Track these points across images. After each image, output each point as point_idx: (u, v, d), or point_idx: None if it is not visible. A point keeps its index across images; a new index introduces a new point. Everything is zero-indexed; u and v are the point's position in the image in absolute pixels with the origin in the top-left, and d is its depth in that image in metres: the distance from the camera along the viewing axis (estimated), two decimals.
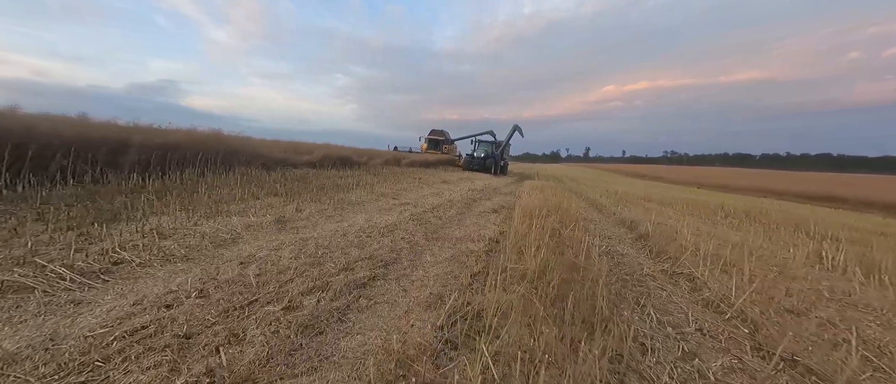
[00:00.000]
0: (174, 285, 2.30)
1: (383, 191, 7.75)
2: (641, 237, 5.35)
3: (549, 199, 8.36)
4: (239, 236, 3.45)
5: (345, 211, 5.29)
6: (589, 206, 8.78)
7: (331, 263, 2.91)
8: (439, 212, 5.76)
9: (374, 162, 16.58)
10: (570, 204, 7.33)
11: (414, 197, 7.42)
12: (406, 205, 6.17)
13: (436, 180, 12.02)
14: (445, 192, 8.85)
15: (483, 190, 10.23)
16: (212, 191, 5.58)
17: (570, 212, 5.95)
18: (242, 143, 8.54)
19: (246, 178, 7.18)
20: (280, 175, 8.38)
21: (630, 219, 6.67)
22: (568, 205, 6.75)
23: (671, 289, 3.29)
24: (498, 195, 9.33)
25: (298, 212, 4.79)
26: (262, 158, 9.17)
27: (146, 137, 6.31)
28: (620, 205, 9.90)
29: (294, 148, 12.09)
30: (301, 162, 10.81)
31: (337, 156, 12.88)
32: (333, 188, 7.45)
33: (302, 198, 5.90)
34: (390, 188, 8.37)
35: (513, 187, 12.81)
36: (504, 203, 7.63)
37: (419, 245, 3.74)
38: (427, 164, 21.63)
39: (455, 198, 7.78)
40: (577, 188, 16.67)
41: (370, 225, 4.45)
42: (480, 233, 4.55)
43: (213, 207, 4.52)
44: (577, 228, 4.56)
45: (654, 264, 4.06)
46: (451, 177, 14.57)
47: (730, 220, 8.76)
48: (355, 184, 8.54)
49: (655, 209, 9.71)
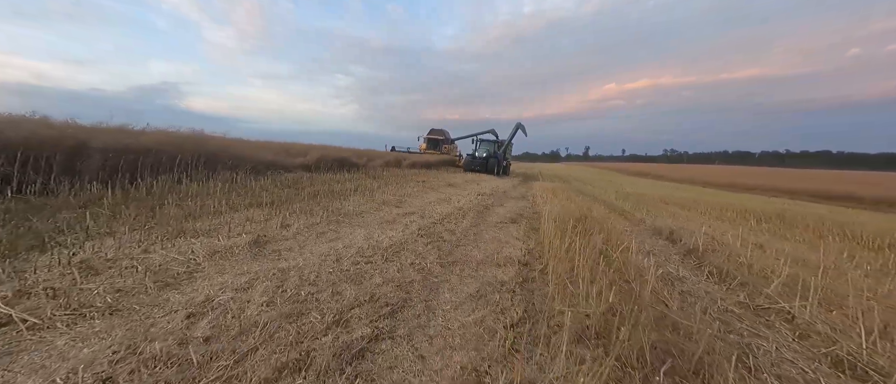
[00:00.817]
0: (64, 372, 1.48)
1: (385, 197, 6.93)
2: (690, 253, 4.54)
3: (569, 205, 7.56)
4: (198, 269, 2.63)
5: (340, 225, 4.47)
6: (610, 211, 7.98)
7: (316, 313, 2.10)
8: (451, 224, 4.95)
9: (374, 163, 15.76)
10: (596, 211, 6.54)
11: (419, 204, 6.60)
12: (411, 216, 5.36)
13: (440, 183, 11.20)
14: (453, 197, 8.03)
15: (492, 194, 9.42)
16: (184, 202, 4.76)
17: (605, 223, 5.15)
18: (226, 145, 7.71)
19: (229, 186, 6.36)
20: (269, 180, 7.56)
21: (664, 227, 5.86)
22: (595, 213, 5.95)
23: (770, 335, 2.49)
24: (509, 200, 8.52)
25: (283, 229, 3.97)
26: (249, 162, 8.35)
27: (111, 139, 5.48)
28: (642, 208, 9.11)
29: (286, 149, 11.27)
30: (294, 165, 9.99)
31: (334, 157, 12.07)
32: (328, 195, 6.63)
33: (290, 208, 5.08)
34: (392, 194, 7.56)
35: (521, 190, 12.01)
36: (520, 210, 6.82)
37: (434, 274, 2.93)
38: (429, 165, 20.84)
39: (464, 204, 6.97)
40: (586, 189, 15.87)
41: (371, 244, 3.63)
42: (504, 252, 3.74)
43: (178, 225, 3.70)
44: (623, 245, 3.75)
45: (726, 293, 3.25)
46: (456, 179, 13.76)
47: (765, 225, 7.96)
48: (353, 189, 7.73)
49: (680, 214, 8.92)
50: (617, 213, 7.83)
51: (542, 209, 7.01)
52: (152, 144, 6.33)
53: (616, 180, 29.56)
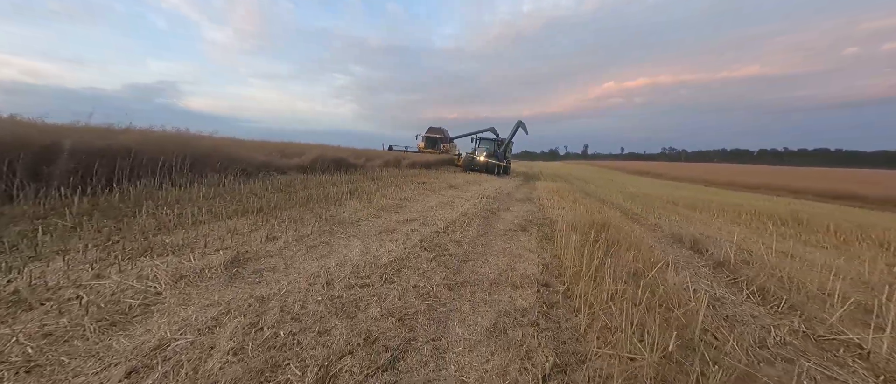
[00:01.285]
0: None
1: (383, 202, 6.48)
2: (720, 265, 4.12)
3: (578, 208, 7.12)
4: (157, 300, 2.18)
5: (334, 236, 4.02)
6: (620, 214, 7.55)
7: (295, 366, 1.65)
8: (456, 233, 4.51)
9: (373, 164, 15.30)
10: (613, 217, 6.10)
11: (420, 209, 6.15)
12: (412, 224, 4.91)
13: (441, 185, 10.76)
14: (456, 200, 7.59)
15: (496, 196, 8.98)
16: (161, 210, 4.30)
17: (630, 233, 4.71)
18: (215, 146, 7.23)
19: (214, 190, 5.89)
20: (260, 184, 7.10)
21: (685, 235, 5.44)
22: (614, 220, 5.51)
23: (849, 380, 2.07)
24: (515, 203, 8.09)
25: (269, 242, 3.52)
26: (240, 163, 7.88)
27: (85, 140, 5.00)
28: (652, 211, 8.69)
29: (281, 150, 10.79)
30: (289, 166, 9.51)
31: (331, 158, 11.60)
32: (323, 200, 6.17)
33: (280, 216, 4.63)
34: (392, 197, 7.11)
35: (525, 190, 11.58)
36: (528, 215, 6.38)
37: (441, 301, 2.49)
38: (428, 165, 20.39)
39: (469, 209, 6.53)
40: (589, 189, 15.46)
41: (367, 261, 3.19)
42: (519, 269, 3.30)
43: (147, 239, 3.24)
44: (657, 262, 3.32)
45: (776, 318, 2.82)
46: (457, 179, 13.32)
47: (783, 229, 7.57)
48: (350, 192, 7.27)
49: (693, 216, 8.51)
50: (625, 216, 7.41)
51: (552, 214, 6.58)
52: (132, 145, 5.85)
53: (617, 179, 29.22)
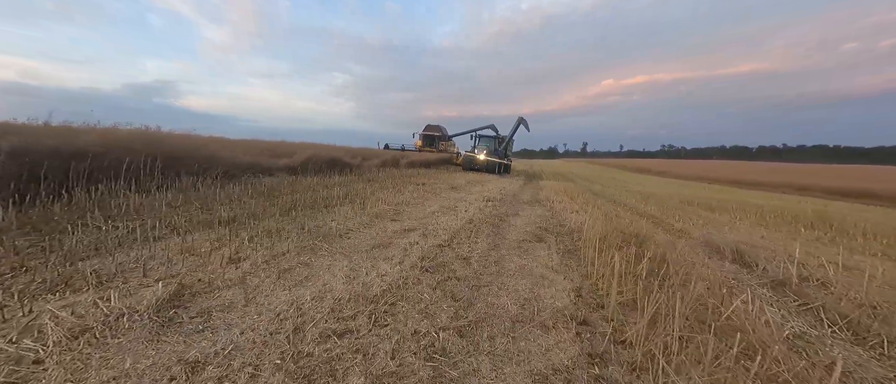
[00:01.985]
0: None
1: (379, 208, 5.78)
2: (780, 285, 3.44)
3: (594, 212, 6.42)
4: (30, 375, 1.49)
5: (317, 253, 3.32)
6: (639, 218, 6.86)
7: None
8: (463, 247, 3.81)
9: (370, 163, 14.60)
10: (639, 225, 5.41)
11: (419, 216, 5.45)
12: (411, 234, 4.21)
13: (441, 185, 10.06)
14: (459, 204, 6.89)
15: (502, 199, 8.29)
16: (109, 222, 3.60)
17: (680, 254, 4.02)
18: (191, 146, 6.50)
19: (183, 196, 5.18)
20: (242, 188, 6.38)
21: (718, 242, 4.76)
22: (642, 230, 4.82)
23: None
24: (523, 206, 7.39)
25: (231, 266, 2.82)
26: (222, 165, 7.16)
27: (25, 141, 4.29)
28: (669, 213, 8.02)
29: (271, 150, 10.07)
30: (278, 167, 8.80)
31: (325, 158, 10.87)
32: (310, 206, 5.47)
33: (255, 228, 3.92)
34: (388, 202, 6.41)
35: (531, 191, 10.88)
36: (541, 221, 5.69)
37: (451, 357, 1.80)
38: (427, 164, 19.70)
39: (474, 214, 5.83)
40: (596, 188, 14.77)
41: (353, 292, 2.49)
42: (546, 298, 2.61)
43: (69, 265, 2.54)
44: (722, 289, 2.63)
45: (885, 363, 2.14)
46: (458, 180, 12.62)
47: (817, 233, 6.90)
48: (343, 196, 6.57)
49: (715, 219, 7.84)
50: (647, 220, 6.72)
51: (567, 219, 5.88)
52: (93, 146, 5.15)
53: (621, 178, 28.58)
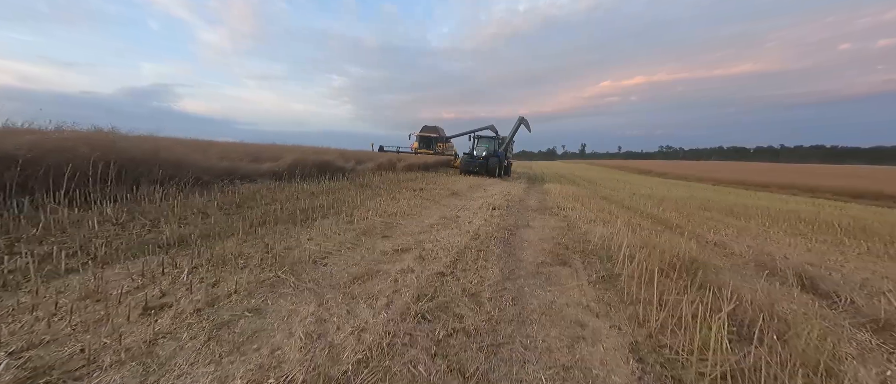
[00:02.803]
0: None
1: (368, 221, 4.97)
2: (882, 329, 2.67)
3: (612, 220, 5.64)
4: None
5: (276, 292, 2.51)
6: (664, 228, 6.08)
7: None
8: (469, 276, 3.02)
9: (365, 167, 13.80)
10: (673, 240, 4.62)
11: (416, 230, 4.66)
12: (405, 258, 3.42)
13: (440, 191, 9.26)
14: (461, 213, 6.09)
15: (508, 206, 7.50)
16: (16, 247, 2.79)
17: (731, 276, 3.23)
18: (152, 149, 5.67)
19: (131, 210, 4.35)
20: (210, 198, 5.56)
21: (768, 260, 4.00)
22: (679, 246, 4.04)
23: None
24: (532, 214, 6.60)
25: (145, 319, 2.03)
26: (194, 170, 6.35)
27: None
28: (690, 220, 7.25)
29: (253, 154, 9.23)
30: (260, 172, 7.98)
31: (314, 162, 10.05)
32: (287, 219, 4.66)
33: (208, 252, 3.12)
34: (380, 212, 5.61)
35: (537, 196, 10.10)
36: (557, 234, 4.90)
37: None
38: (426, 167, 18.91)
39: (479, 226, 5.04)
40: (603, 192, 13.99)
41: (312, 365, 1.70)
42: (595, 368, 1.82)
43: None
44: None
45: None
46: (458, 184, 11.82)
47: (872, 245, 6.13)
48: (328, 206, 5.77)
49: (744, 228, 7.08)
50: (674, 231, 5.94)
51: (586, 231, 5.08)
52: (27, 147, 4.34)
53: (625, 180, 27.82)
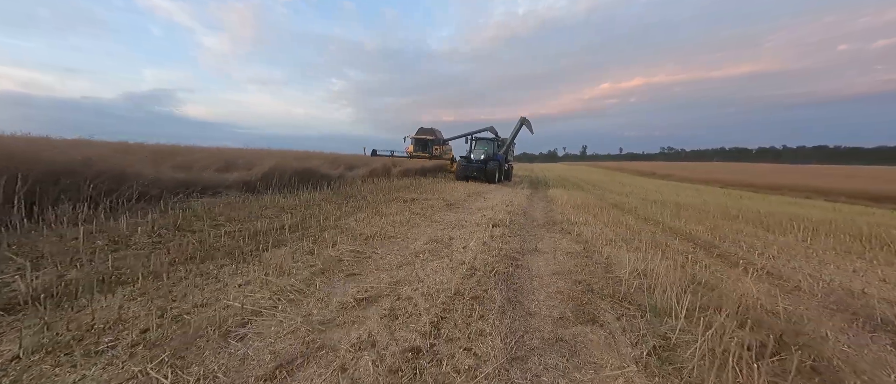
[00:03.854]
0: None
1: (333, 252, 3.97)
2: None
3: (634, 238, 4.63)
4: None
5: None
6: (700, 250, 5.08)
7: None
8: (456, 350, 2.02)
9: (355, 173, 12.83)
10: (737, 278, 3.62)
11: (394, 263, 3.67)
12: (366, 315, 2.43)
13: (436, 202, 8.28)
14: (456, 233, 5.11)
15: (510, 220, 6.51)
16: None
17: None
18: (82, 159, 4.66)
19: (23, 241, 3.36)
20: (148, 220, 4.58)
21: (852, 302, 3.01)
22: (746, 292, 3.05)
23: None
24: (541, 232, 5.60)
25: None
26: (139, 183, 5.37)
27: None
28: (718, 233, 6.24)
29: (228, 160, 8.26)
30: (226, 183, 7.01)
31: (295, 169, 9.07)
32: (229, 251, 3.66)
33: (75, 309, 2.14)
34: (357, 232, 4.63)
35: (542, 205, 9.10)
36: (575, 267, 3.90)
37: None
38: (424, 172, 17.93)
39: (476, 254, 4.05)
40: (611, 197, 12.98)
41: None
42: None
43: None
44: None
45: None
46: (456, 192, 10.84)
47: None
48: (296, 226, 4.80)
49: (787, 243, 6.08)
50: (706, 251, 4.94)
51: (610, 258, 4.06)
52: None
53: (631, 183, 26.79)
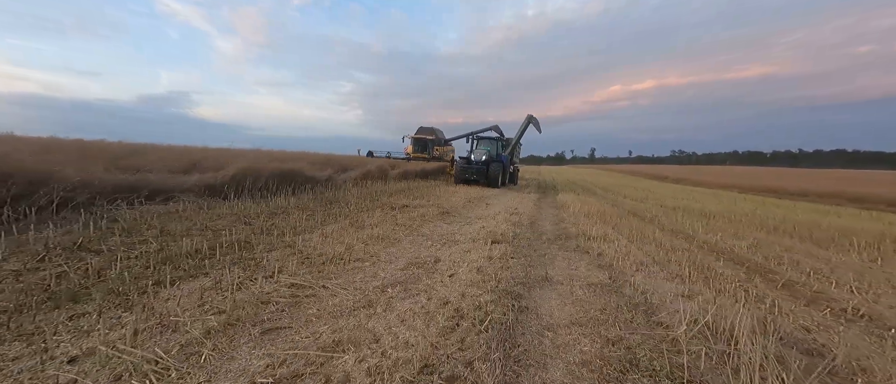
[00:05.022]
0: None
1: (274, 281, 2.96)
2: None
3: (674, 266, 3.46)
4: None
5: None
6: (757, 276, 3.90)
7: None
8: None
9: (347, 176, 11.84)
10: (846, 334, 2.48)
11: (353, 301, 2.59)
12: None
13: (429, 209, 7.22)
14: (446, 252, 4.03)
15: (514, 234, 5.41)
16: None
17: None
18: None
19: None
20: (42, 235, 3.60)
21: None
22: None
23: None
24: (552, 250, 4.49)
25: None
26: (62, 187, 4.41)
27: None
28: (775, 251, 5.06)
29: (196, 160, 7.30)
30: (185, 186, 6.03)
31: (272, 171, 8.07)
32: (112, 287, 2.66)
33: None
34: (316, 257, 3.60)
35: (552, 214, 7.97)
36: (599, 308, 2.78)
37: None
38: (425, 174, 16.88)
39: (466, 290, 2.97)
40: (626, 203, 11.74)
41: None
42: None
43: None
44: None
45: None
46: (454, 197, 9.76)
47: None
48: (243, 243, 3.79)
49: (856, 265, 4.86)
50: (763, 278, 3.77)
51: (646, 290, 2.94)
52: None
53: (644, 187, 25.34)
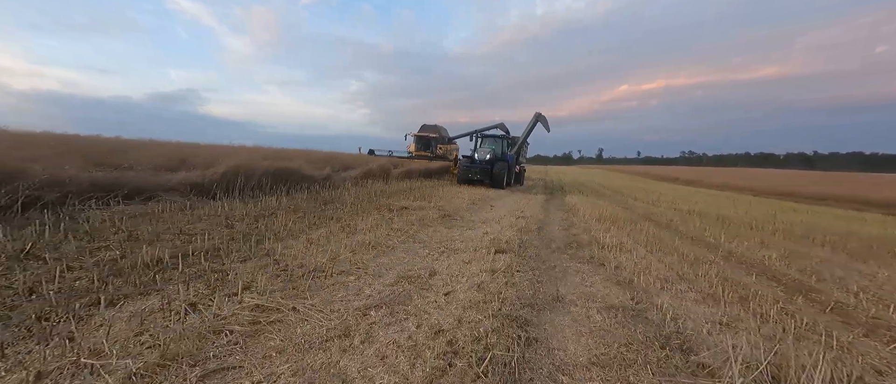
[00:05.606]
0: None
1: (237, 301, 2.54)
2: None
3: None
4: None
5: None
6: (792, 294, 3.38)
7: None
8: None
9: (347, 175, 11.47)
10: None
11: (326, 328, 2.16)
12: None
13: (429, 212, 6.77)
14: (443, 263, 3.58)
15: (521, 243, 4.94)
16: None
17: None
18: None
19: None
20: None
21: None
22: None
23: None
24: (563, 260, 4.00)
25: None
26: (27, 184, 4.06)
27: None
28: (807, 266, 4.50)
29: (186, 157, 6.95)
30: (169, 185, 5.68)
31: (267, 170, 7.71)
32: (50, 309, 2.27)
33: None
34: (294, 269, 3.18)
35: (561, 218, 7.46)
36: (625, 343, 2.31)
37: None
38: (429, 173, 16.46)
39: (463, 314, 2.52)
40: (638, 207, 11.17)
41: None
42: None
43: None
44: None
45: None
46: (457, 199, 9.30)
47: None
48: (213, 250, 3.38)
49: None
50: (803, 297, 3.24)
51: (683, 318, 2.38)
52: None
53: (655, 189, 24.54)
